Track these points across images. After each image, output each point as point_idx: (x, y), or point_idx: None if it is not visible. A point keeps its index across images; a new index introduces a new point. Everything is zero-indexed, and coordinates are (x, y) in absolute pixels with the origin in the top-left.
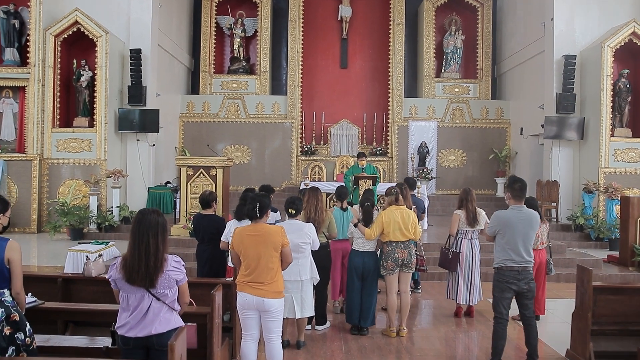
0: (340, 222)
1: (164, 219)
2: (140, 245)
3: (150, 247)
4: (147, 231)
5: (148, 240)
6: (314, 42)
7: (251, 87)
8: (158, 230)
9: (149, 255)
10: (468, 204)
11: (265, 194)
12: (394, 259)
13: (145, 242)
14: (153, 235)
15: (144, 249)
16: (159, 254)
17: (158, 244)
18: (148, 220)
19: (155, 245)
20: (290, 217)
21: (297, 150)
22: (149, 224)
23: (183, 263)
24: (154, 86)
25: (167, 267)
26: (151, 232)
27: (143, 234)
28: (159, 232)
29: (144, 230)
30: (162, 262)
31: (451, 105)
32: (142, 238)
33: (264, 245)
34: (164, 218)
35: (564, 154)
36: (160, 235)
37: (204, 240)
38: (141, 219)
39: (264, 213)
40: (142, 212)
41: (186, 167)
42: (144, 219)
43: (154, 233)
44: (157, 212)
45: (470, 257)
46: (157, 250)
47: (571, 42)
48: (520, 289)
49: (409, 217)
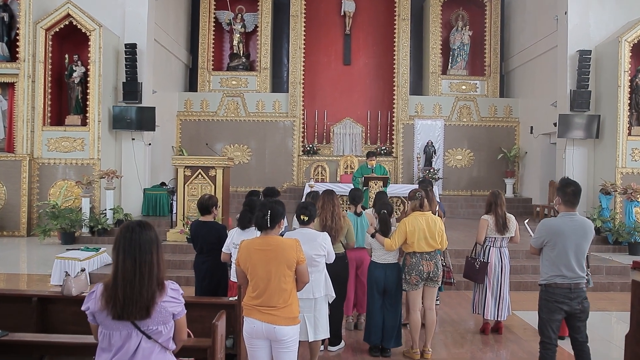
0: (354, 229)
1: (157, 234)
2: (129, 268)
3: (143, 271)
4: (138, 250)
5: (139, 262)
6: (316, 38)
7: (251, 85)
8: (152, 249)
9: (141, 282)
10: (497, 209)
11: (278, 200)
12: (419, 272)
13: (135, 264)
14: (146, 256)
15: (134, 274)
16: (154, 281)
17: (152, 268)
18: (138, 236)
19: (148, 269)
20: (302, 224)
21: (298, 150)
22: (140, 242)
23: (182, 291)
24: (150, 83)
25: (163, 297)
26: (143, 252)
27: (132, 254)
28: (153, 251)
29: (133, 250)
30: (157, 290)
31: (458, 103)
32: (132, 259)
33: (275, 262)
34: (156, 232)
35: (578, 153)
36: (155, 255)
37: (203, 250)
38: (129, 236)
39: (276, 223)
40: (129, 227)
41: (183, 168)
42: (133, 236)
43: (148, 253)
44: (148, 225)
45: (500, 268)
46: (152, 276)
47: (586, 36)
48: (573, 310)
49: (435, 224)
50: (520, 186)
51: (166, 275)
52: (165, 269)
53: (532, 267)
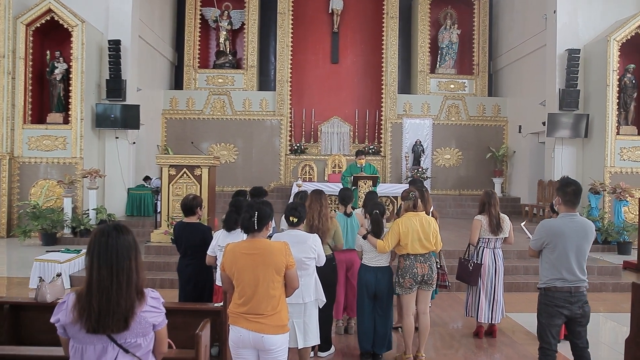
0: (344, 230)
1: (134, 236)
2: (104, 277)
3: (120, 279)
4: (115, 257)
5: (116, 270)
6: (304, 35)
7: (238, 83)
8: (131, 255)
9: (119, 291)
10: (491, 209)
11: (265, 201)
12: (413, 275)
13: (112, 272)
14: (123, 263)
15: (110, 283)
16: (132, 289)
17: (131, 275)
18: (115, 241)
19: (126, 277)
20: (291, 226)
21: (286, 149)
22: (117, 247)
23: (162, 299)
24: (135, 80)
25: (142, 306)
26: (120, 259)
27: (108, 261)
28: (131, 257)
29: (109, 256)
30: (136, 300)
31: (446, 102)
32: (107, 267)
33: (263, 267)
34: (134, 236)
35: (566, 152)
36: (134, 261)
37: (187, 253)
38: (105, 241)
39: (263, 225)
40: (104, 232)
41: (168, 167)
42: (109, 241)
43: (125, 259)
44: (125, 229)
45: (493, 270)
46: (130, 284)
47: (574, 35)
48: (573, 314)
49: (429, 225)
50: (509, 185)
51: (146, 282)
52: (145, 276)
53: (524, 268)
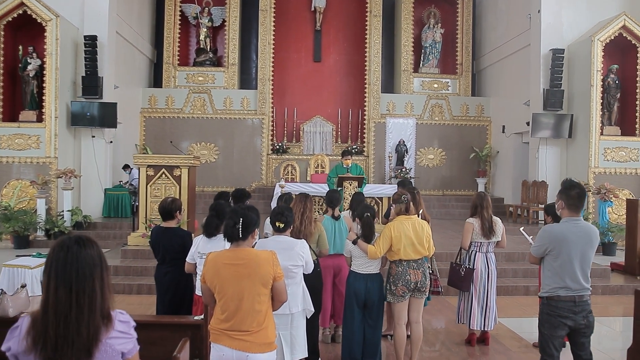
0: (331, 234)
1: (101, 250)
2: (62, 299)
3: (81, 302)
4: (75, 276)
5: (76, 292)
6: (286, 33)
7: (218, 81)
8: (94, 274)
9: (79, 316)
10: (483, 211)
11: (251, 206)
12: (406, 282)
13: (70, 294)
14: (85, 283)
15: (69, 306)
16: (96, 314)
17: (94, 298)
18: (75, 257)
19: (89, 300)
20: (278, 232)
21: (267, 149)
22: (78, 264)
23: (133, 323)
24: (112, 77)
25: (109, 332)
26: (82, 278)
27: (67, 281)
28: (95, 276)
29: (68, 275)
30: (101, 326)
31: (430, 101)
32: (66, 288)
33: (248, 279)
34: (101, 249)
35: (550, 152)
36: (98, 281)
37: (165, 260)
38: (64, 257)
39: (249, 233)
40: (63, 245)
41: (146, 167)
42: (68, 257)
43: (88, 279)
44: (89, 242)
45: (486, 274)
46: (93, 308)
47: (559, 35)
48: (577, 325)
49: (422, 229)
50: (492, 186)
51: (114, 302)
52: (112, 297)
53: (512, 271)
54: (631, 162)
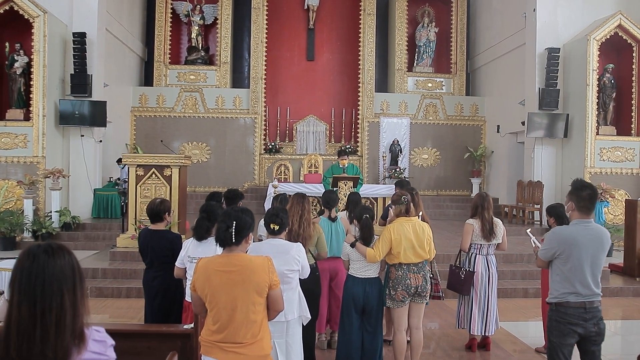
0: (328, 236)
1: (76, 260)
2: (25, 317)
3: (47, 321)
4: (40, 290)
5: (42, 308)
6: (279, 32)
7: (210, 80)
8: (64, 288)
9: (45, 337)
10: (484, 212)
11: (245, 208)
12: (406, 287)
13: (35, 311)
14: (52, 299)
15: (33, 325)
16: (66, 333)
17: (63, 315)
18: (42, 269)
19: (56, 318)
20: (272, 234)
21: (260, 148)
22: (45, 277)
23: (111, 342)
24: (101, 75)
25: (82, 353)
26: (48, 293)
27: (31, 296)
28: (65, 291)
29: (32, 289)
30: (71, 346)
31: (424, 101)
32: (29, 303)
33: (242, 288)
34: (76, 259)
35: (546, 153)
36: (69, 295)
37: (154, 264)
38: (29, 267)
39: (242, 237)
40: (29, 254)
41: (135, 167)
42: (34, 267)
43: (56, 294)
44: (61, 250)
45: (487, 278)
46: (62, 327)
47: (554, 34)
48: (587, 332)
49: (423, 231)
50: (487, 186)
51: (89, 318)
52: (88, 312)
53: (511, 272)
54: (627, 162)
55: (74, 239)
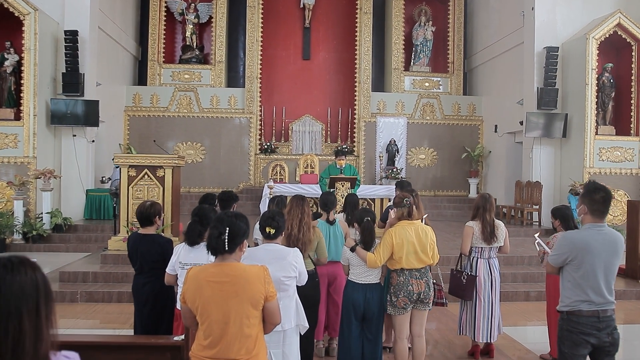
0: (326, 239)
1: (42, 276)
2: None
3: (4, 344)
4: (1, 308)
5: (2, 329)
6: (274, 30)
7: (205, 79)
8: (24, 308)
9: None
10: (486, 214)
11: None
12: (408, 293)
13: None
14: (9, 322)
15: None
16: (27, 357)
17: (21, 339)
18: (5, 284)
19: (13, 343)
20: (268, 239)
21: (255, 148)
22: (4, 294)
23: None
24: (94, 74)
25: None
26: (4, 314)
27: None
28: (25, 311)
29: None
30: None
31: (421, 100)
32: None
33: (236, 300)
34: (42, 275)
35: (545, 153)
36: (30, 317)
37: (144, 270)
38: None
39: (236, 245)
40: None
41: (127, 167)
42: None
43: (13, 317)
44: (23, 265)
45: (489, 282)
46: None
47: (553, 33)
48: (601, 343)
49: (426, 235)
50: (484, 186)
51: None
52: (55, 334)
53: (512, 275)
54: (626, 162)
55: (66, 240)
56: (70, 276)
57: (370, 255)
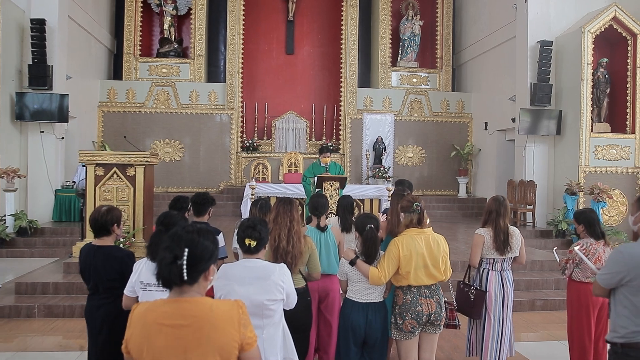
0: (317, 249)
1: None
2: None
3: None
4: None
5: None
6: (257, 23)
7: (184, 73)
8: None
9: None
10: (499, 220)
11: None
12: (416, 315)
13: None
14: None
15: None
16: None
17: None
18: None
19: None
20: (248, 253)
21: (237, 146)
22: None
23: None
24: (64, 67)
25: None
26: None
27: None
28: None
29: None
30: None
31: (409, 96)
32: None
33: (199, 351)
34: None
35: (538, 150)
36: None
37: (98, 289)
38: None
39: (200, 272)
40: None
41: (94, 165)
42: None
43: None
44: None
45: (501, 298)
46: None
47: (546, 26)
48: None
49: (438, 247)
50: (474, 185)
51: None
52: None
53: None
54: (622, 161)
55: (31, 245)
56: (28, 288)
57: (374, 270)
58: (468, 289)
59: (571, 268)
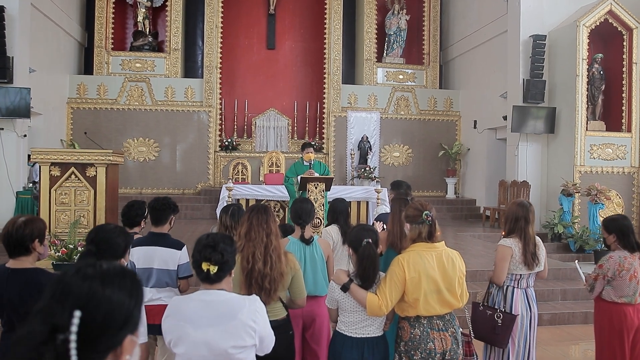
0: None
1: None
2: None
3: None
4: None
5: None
6: (236, 17)
7: (159, 68)
8: None
9: None
10: (528, 228)
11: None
12: (427, 354)
13: None
14: None
15: None
16: None
17: None
18: None
19: None
20: (207, 282)
21: (215, 145)
22: None
23: None
24: (26, 59)
25: None
26: None
27: None
28: None
29: None
30: None
31: (395, 94)
32: None
33: None
34: None
35: (531, 149)
36: None
37: (13, 324)
38: None
39: (106, 350)
40: None
41: (49, 165)
42: None
43: None
44: None
45: (528, 320)
46: None
47: (539, 20)
48: None
49: (453, 265)
50: (462, 186)
51: None
52: None
53: None
54: (618, 160)
55: None
56: None
57: (372, 297)
58: (493, 312)
59: (601, 285)
